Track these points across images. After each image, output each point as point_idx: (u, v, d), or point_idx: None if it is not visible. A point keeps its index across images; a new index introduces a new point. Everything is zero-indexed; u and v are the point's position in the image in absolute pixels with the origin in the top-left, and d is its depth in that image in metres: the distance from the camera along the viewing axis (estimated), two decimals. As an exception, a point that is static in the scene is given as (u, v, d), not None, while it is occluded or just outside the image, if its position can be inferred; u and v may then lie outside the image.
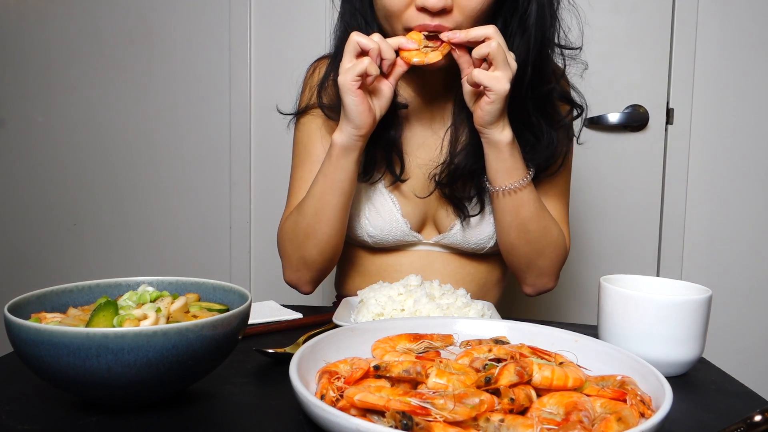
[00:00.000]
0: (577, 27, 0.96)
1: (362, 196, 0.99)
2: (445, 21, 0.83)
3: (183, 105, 1.86)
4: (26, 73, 1.95)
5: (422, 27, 0.83)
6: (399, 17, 0.85)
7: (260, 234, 1.86)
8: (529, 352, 0.61)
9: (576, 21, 0.96)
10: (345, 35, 0.94)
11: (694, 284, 0.74)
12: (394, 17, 0.86)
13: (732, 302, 1.69)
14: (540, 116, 0.93)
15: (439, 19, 0.82)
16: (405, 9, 0.84)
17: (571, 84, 1.01)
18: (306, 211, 0.94)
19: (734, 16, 1.63)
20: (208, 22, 1.82)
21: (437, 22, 0.82)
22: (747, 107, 1.65)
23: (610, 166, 1.69)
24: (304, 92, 1.05)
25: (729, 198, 1.68)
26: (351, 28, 0.93)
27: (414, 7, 0.83)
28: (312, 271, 0.99)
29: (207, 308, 0.63)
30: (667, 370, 0.67)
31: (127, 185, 1.93)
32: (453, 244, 1.01)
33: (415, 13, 0.83)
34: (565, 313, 1.72)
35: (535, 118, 0.92)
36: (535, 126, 0.93)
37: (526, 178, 0.90)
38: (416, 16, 0.83)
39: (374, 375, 0.56)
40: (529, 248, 0.95)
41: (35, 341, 0.49)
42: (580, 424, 0.47)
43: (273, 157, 1.80)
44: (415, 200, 1.00)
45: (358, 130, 0.86)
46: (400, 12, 0.85)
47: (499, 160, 0.88)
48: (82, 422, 0.53)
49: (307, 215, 0.94)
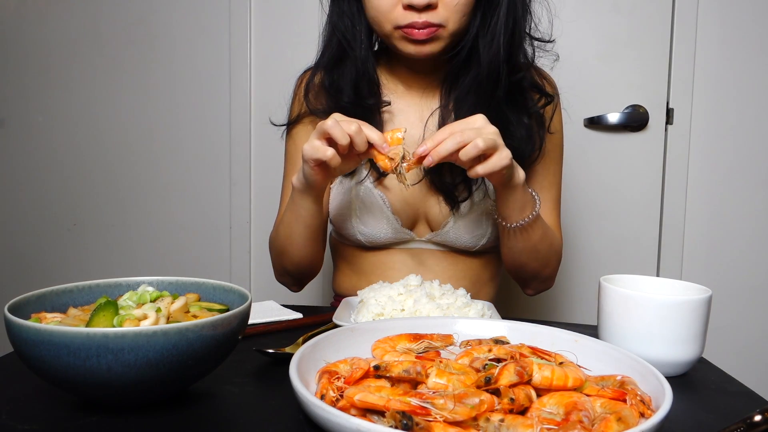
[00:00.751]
0: (547, 19, 1.00)
1: (352, 195, 1.01)
2: (431, 17, 0.87)
3: (183, 105, 1.86)
4: (26, 73, 1.95)
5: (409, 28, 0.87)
6: (387, 16, 0.88)
7: (260, 234, 1.85)
8: (529, 352, 0.61)
9: (546, 13, 1.00)
10: (332, 36, 0.98)
11: (694, 284, 0.74)
12: (383, 17, 0.89)
13: (732, 302, 1.69)
14: (512, 104, 0.96)
15: (426, 14, 0.86)
16: (393, 8, 0.87)
17: (541, 72, 1.04)
18: (279, 233, 1.00)
19: (734, 16, 1.63)
20: (208, 23, 1.82)
21: (424, 19, 0.86)
22: (747, 107, 1.65)
23: (610, 166, 1.69)
24: (293, 104, 1.08)
25: (729, 198, 1.68)
26: (338, 30, 0.97)
27: (401, 5, 0.87)
28: (293, 277, 1.05)
29: (207, 308, 0.63)
30: (667, 370, 0.67)
31: (127, 185, 1.93)
32: (446, 241, 1.02)
33: (402, 11, 0.87)
34: (565, 313, 1.72)
35: (507, 106, 0.95)
36: (507, 114, 0.96)
37: (536, 208, 0.91)
38: (403, 15, 0.87)
39: (374, 375, 0.56)
40: (537, 264, 0.98)
41: (35, 341, 0.49)
42: (580, 424, 0.47)
43: (273, 157, 1.80)
44: (404, 195, 1.01)
45: (312, 188, 0.88)
46: (388, 11, 0.88)
47: (514, 200, 0.89)
48: (82, 422, 0.53)
49: (280, 236, 1.00)
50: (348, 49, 0.96)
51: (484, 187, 1.00)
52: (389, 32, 0.90)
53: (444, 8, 0.87)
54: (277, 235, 1.01)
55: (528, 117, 0.98)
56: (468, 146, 0.76)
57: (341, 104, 0.97)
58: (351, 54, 0.96)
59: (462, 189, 0.99)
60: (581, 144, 1.66)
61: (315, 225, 0.95)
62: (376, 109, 0.99)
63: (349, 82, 0.97)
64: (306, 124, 1.05)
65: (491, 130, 0.78)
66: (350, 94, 0.97)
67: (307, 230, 0.95)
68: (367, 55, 0.96)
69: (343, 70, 0.97)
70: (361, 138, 0.78)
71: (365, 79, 0.97)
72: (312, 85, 1.02)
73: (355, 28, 0.96)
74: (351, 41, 0.96)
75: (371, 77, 0.98)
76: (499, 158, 0.78)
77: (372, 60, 0.98)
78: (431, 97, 1.02)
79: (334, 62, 0.98)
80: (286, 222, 0.97)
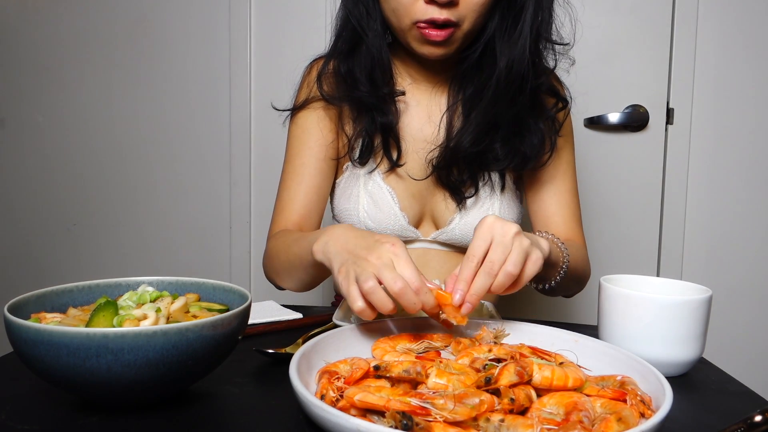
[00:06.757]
0: (570, 24, 0.98)
1: (360, 189, 1.01)
2: (451, 14, 0.86)
3: (183, 105, 1.86)
4: (26, 73, 1.95)
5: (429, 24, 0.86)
6: (408, 10, 0.88)
7: (260, 234, 1.85)
8: (529, 352, 0.61)
9: (569, 17, 0.98)
10: (346, 24, 0.97)
11: (694, 284, 0.74)
12: (403, 9, 0.88)
13: (732, 302, 1.69)
14: (530, 109, 0.96)
15: (447, 11, 0.86)
16: (414, 2, 0.87)
17: (560, 80, 1.03)
18: (280, 258, 0.94)
19: (734, 16, 1.63)
20: (208, 22, 1.82)
21: (445, 15, 0.86)
22: (747, 107, 1.65)
23: (610, 166, 1.69)
24: (301, 89, 1.06)
25: (729, 198, 1.68)
26: (352, 16, 0.95)
27: (422, 0, 0.86)
28: (290, 289, 0.99)
29: (207, 308, 0.63)
30: (667, 370, 0.67)
31: (127, 185, 1.93)
32: (452, 240, 1.02)
33: (423, 5, 0.86)
34: (565, 313, 1.72)
35: (523, 110, 0.95)
36: (525, 119, 0.96)
37: (566, 258, 0.87)
38: (424, 9, 0.86)
39: (374, 375, 0.56)
40: (574, 283, 1.00)
41: (35, 341, 0.49)
42: (580, 424, 0.47)
43: (273, 157, 1.80)
44: (412, 192, 1.01)
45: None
46: (409, 4, 0.87)
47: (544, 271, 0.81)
48: (82, 422, 0.53)
49: (280, 261, 0.94)
50: (363, 36, 0.95)
51: (491, 182, 1.00)
52: (407, 27, 0.89)
53: (464, 6, 0.86)
54: (275, 256, 0.96)
55: (542, 121, 0.98)
56: (499, 278, 0.67)
57: (357, 93, 0.96)
58: (366, 42, 0.95)
59: (469, 185, 0.99)
60: (581, 144, 1.65)
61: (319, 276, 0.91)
62: (390, 99, 0.98)
63: (363, 70, 0.96)
64: (313, 110, 1.03)
65: (517, 244, 0.68)
66: (365, 83, 0.96)
67: (307, 275, 0.90)
68: (382, 44, 0.96)
69: (357, 59, 0.97)
70: (409, 300, 0.63)
71: (380, 68, 0.96)
72: (326, 74, 1.00)
73: (369, 15, 0.95)
74: (366, 29, 0.95)
75: (386, 66, 0.97)
76: (532, 270, 0.70)
77: (386, 49, 0.97)
78: (440, 93, 1.02)
79: (348, 50, 0.97)
80: (290, 256, 0.90)
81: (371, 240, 0.69)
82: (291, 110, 1.05)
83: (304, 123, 1.03)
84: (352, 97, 0.97)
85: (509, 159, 0.97)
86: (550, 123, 0.99)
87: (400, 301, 0.63)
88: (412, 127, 1.01)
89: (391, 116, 0.97)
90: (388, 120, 0.97)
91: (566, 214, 1.04)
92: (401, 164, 1.00)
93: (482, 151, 0.96)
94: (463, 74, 0.97)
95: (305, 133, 1.03)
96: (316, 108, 1.02)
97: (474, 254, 0.67)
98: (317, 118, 1.02)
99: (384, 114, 0.97)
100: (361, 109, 0.98)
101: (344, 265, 0.67)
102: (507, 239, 0.68)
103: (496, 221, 0.69)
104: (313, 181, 1.01)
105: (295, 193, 1.01)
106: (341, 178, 1.04)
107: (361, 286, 0.63)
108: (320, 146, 1.02)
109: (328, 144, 1.02)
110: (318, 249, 0.74)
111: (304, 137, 1.02)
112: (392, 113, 0.98)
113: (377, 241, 0.68)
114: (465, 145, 0.95)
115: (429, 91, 1.02)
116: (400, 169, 1.00)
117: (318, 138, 1.01)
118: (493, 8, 0.90)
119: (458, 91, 0.99)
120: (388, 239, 0.68)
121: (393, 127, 0.98)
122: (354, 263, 0.66)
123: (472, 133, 0.94)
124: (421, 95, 1.02)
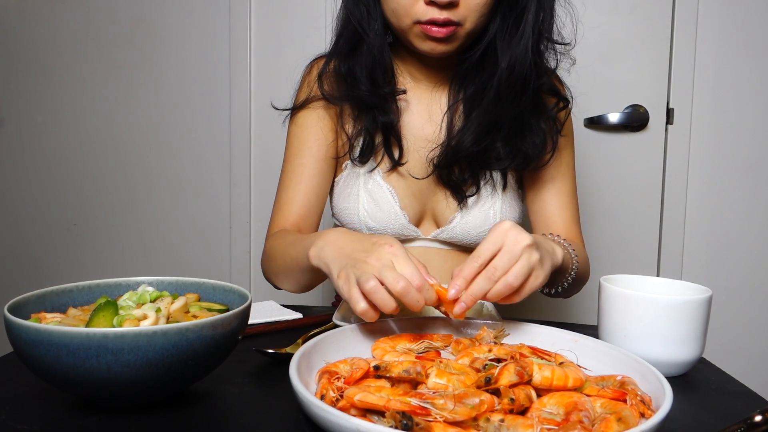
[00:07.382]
0: (571, 24, 0.98)
1: (360, 188, 1.01)
2: (452, 15, 0.86)
3: (183, 105, 1.86)
4: (26, 73, 1.95)
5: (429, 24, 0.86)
6: (408, 10, 0.88)
7: (260, 234, 1.85)
8: (529, 352, 0.61)
9: (569, 18, 0.97)
10: (347, 24, 0.97)
11: (694, 284, 0.74)
12: (403, 10, 0.88)
13: (732, 302, 1.69)
14: (532, 109, 0.96)
15: (447, 12, 0.86)
16: (415, 2, 0.87)
17: (561, 80, 1.03)
18: (277, 261, 0.94)
19: (734, 16, 1.63)
20: (208, 22, 1.82)
21: (445, 16, 0.86)
22: (747, 107, 1.65)
23: (610, 166, 1.69)
24: (301, 89, 1.06)
25: (729, 198, 1.68)
26: (353, 17, 0.95)
27: (423, 1, 0.86)
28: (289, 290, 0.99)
29: (207, 308, 0.63)
30: (667, 370, 0.67)
31: (127, 185, 1.93)
32: (453, 238, 1.02)
33: (423, 6, 0.86)
34: (565, 313, 1.72)
35: (525, 110, 0.95)
36: (527, 120, 0.96)
37: (575, 264, 0.87)
38: (425, 10, 0.86)
39: (374, 375, 0.56)
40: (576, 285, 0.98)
41: (35, 341, 0.49)
42: (580, 424, 0.47)
43: (273, 157, 1.80)
44: (412, 191, 1.01)
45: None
46: (410, 5, 0.87)
47: (553, 277, 0.82)
48: (82, 422, 0.53)
49: (277, 263, 0.94)
50: (364, 36, 0.95)
51: (492, 181, 1.00)
52: (407, 27, 0.89)
53: (465, 7, 0.86)
54: (272, 258, 0.96)
55: (544, 121, 0.98)
56: (498, 286, 0.66)
57: (357, 93, 0.96)
58: (367, 41, 0.95)
59: (470, 184, 0.99)
60: (581, 144, 1.65)
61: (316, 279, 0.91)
62: (391, 98, 0.98)
63: (364, 69, 0.96)
64: (313, 110, 1.03)
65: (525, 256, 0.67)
66: (366, 82, 0.96)
67: (304, 278, 0.90)
68: (383, 44, 0.96)
69: (358, 58, 0.97)
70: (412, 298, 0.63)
71: (381, 67, 0.96)
72: (327, 73, 1.00)
73: (370, 15, 0.95)
74: (366, 29, 0.95)
75: (387, 66, 0.97)
76: (531, 285, 0.69)
77: (387, 48, 0.97)
78: (441, 92, 1.02)
79: (349, 50, 0.97)
80: (286, 259, 0.90)
81: (368, 243, 0.68)
82: (291, 110, 1.05)
83: (304, 122, 1.03)
84: (352, 97, 0.97)
85: (511, 158, 0.97)
86: (551, 123, 0.99)
87: (403, 301, 0.63)
88: (413, 125, 1.01)
89: (392, 115, 0.98)
90: (389, 119, 0.97)
91: (566, 215, 1.04)
92: (403, 163, 1.00)
93: (484, 150, 0.96)
94: (464, 74, 0.97)
95: (305, 133, 1.03)
96: (316, 107, 1.03)
97: (480, 255, 0.67)
98: (317, 117, 1.02)
99: (385, 113, 0.97)
100: (362, 108, 0.98)
101: (344, 269, 0.67)
102: (517, 249, 0.67)
103: (512, 228, 0.68)
104: (312, 181, 1.01)
105: (294, 192, 1.01)
106: (340, 176, 1.04)
107: (363, 287, 0.63)
108: (320, 146, 1.02)
109: (327, 144, 1.02)
110: (314, 254, 0.74)
111: (304, 137, 1.03)
112: (393, 112, 0.98)
113: (374, 243, 0.68)
114: (466, 144, 0.95)
115: (430, 90, 1.02)
116: (401, 168, 1.00)
117: (318, 137, 1.02)
118: (494, 9, 0.90)
119: (459, 91, 0.99)
120: (386, 240, 0.68)
121: (394, 126, 0.98)
122: (353, 266, 0.66)
123: (474, 133, 0.94)
124: (422, 94, 1.02)
